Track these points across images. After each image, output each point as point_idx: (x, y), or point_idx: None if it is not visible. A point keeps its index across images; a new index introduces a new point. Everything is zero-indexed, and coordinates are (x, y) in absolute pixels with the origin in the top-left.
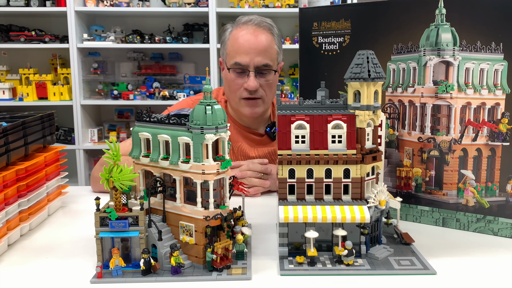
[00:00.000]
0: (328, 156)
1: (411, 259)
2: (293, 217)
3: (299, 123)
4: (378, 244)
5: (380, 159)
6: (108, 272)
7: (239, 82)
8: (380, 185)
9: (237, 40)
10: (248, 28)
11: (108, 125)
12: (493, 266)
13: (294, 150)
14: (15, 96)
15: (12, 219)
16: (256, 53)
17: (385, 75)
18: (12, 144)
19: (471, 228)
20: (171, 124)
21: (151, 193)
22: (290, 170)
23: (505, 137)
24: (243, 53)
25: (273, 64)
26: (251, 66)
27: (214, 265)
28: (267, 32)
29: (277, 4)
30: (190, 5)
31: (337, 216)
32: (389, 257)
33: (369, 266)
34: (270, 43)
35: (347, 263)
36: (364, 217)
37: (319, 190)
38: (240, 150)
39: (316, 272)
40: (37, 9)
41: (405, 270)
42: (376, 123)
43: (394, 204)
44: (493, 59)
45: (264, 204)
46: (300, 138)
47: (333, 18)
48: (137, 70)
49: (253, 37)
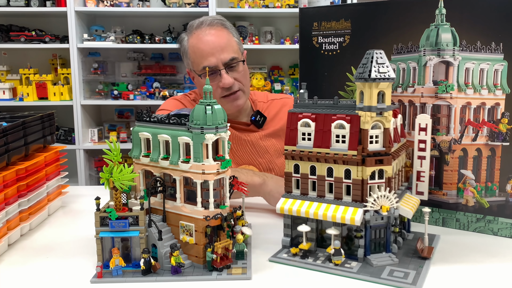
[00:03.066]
0: (329, 155)
1: (409, 272)
2: (288, 209)
3: (305, 120)
4: (385, 252)
5: (388, 163)
6: (108, 272)
7: (214, 84)
8: (385, 190)
9: (197, 45)
10: (202, 30)
11: (108, 125)
12: (493, 267)
13: (299, 147)
14: (15, 96)
15: (12, 219)
16: (220, 51)
17: (392, 76)
18: (12, 144)
19: (471, 228)
20: (171, 124)
21: (151, 193)
22: (295, 166)
23: (505, 137)
24: (207, 55)
25: (238, 55)
26: (220, 64)
27: (214, 265)
28: (221, 28)
29: (277, 4)
30: (190, 5)
31: (328, 214)
32: (389, 266)
33: (356, 269)
34: (228, 37)
35: (335, 263)
36: (353, 218)
37: (321, 188)
38: (233, 137)
39: (302, 265)
40: (37, 9)
41: (390, 281)
42: (386, 125)
43: (405, 213)
44: (493, 59)
45: (264, 204)
46: (306, 135)
47: (333, 18)
48: (137, 70)
49: (210, 37)
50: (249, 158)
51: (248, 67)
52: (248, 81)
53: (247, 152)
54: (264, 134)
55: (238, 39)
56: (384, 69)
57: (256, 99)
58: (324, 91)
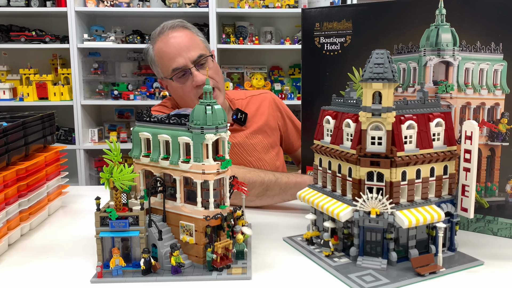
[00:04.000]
0: (337, 152)
1: (383, 280)
2: (303, 197)
3: (327, 117)
4: (381, 257)
5: (386, 166)
6: (108, 271)
7: (187, 85)
8: (377, 194)
9: (162, 50)
10: (165, 35)
11: (109, 125)
12: (493, 267)
13: (322, 142)
14: (15, 96)
15: (12, 219)
16: (186, 50)
17: (389, 77)
18: (12, 144)
19: (470, 228)
20: (171, 124)
21: (151, 193)
22: (320, 159)
23: (504, 137)
24: (174, 57)
25: (206, 52)
26: (189, 63)
27: (214, 265)
28: (183, 29)
29: (277, 4)
30: (190, 5)
31: (324, 207)
32: (372, 270)
33: (335, 264)
34: (192, 36)
35: (324, 254)
36: (339, 214)
37: (333, 183)
38: None
39: (302, 250)
40: (38, 9)
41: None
42: (386, 127)
43: (400, 221)
44: (493, 59)
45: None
46: (328, 131)
47: (334, 18)
48: (137, 70)
49: (174, 40)
50: (238, 159)
51: (248, 67)
52: (221, 78)
53: (236, 153)
54: (250, 132)
55: (203, 37)
56: (380, 69)
57: (234, 98)
58: (326, 91)
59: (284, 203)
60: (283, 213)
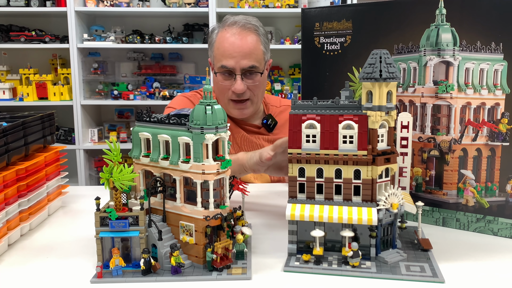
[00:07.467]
0: (338, 156)
1: (423, 265)
2: (299, 215)
3: (310, 122)
4: (391, 248)
5: (394, 161)
6: (108, 272)
7: (226, 84)
8: (393, 188)
9: (223, 43)
10: (233, 30)
11: (108, 125)
12: (493, 267)
13: (304, 149)
14: (15, 96)
15: (12, 219)
16: (242, 56)
17: (399, 75)
18: (12, 144)
19: (471, 228)
20: (171, 124)
21: (151, 193)
22: (300, 169)
23: (504, 137)
24: (228, 56)
25: (259, 65)
26: (237, 69)
27: (214, 265)
28: (253, 34)
29: (277, 4)
30: (190, 5)
31: (344, 217)
32: (401, 262)
33: (375, 269)
34: (256, 45)
35: (353, 265)
36: (371, 219)
37: (329, 190)
38: (244, 139)
39: (319, 271)
40: (37, 9)
41: (412, 276)
42: (391, 124)
43: (410, 209)
44: (493, 59)
45: (264, 204)
46: (311, 137)
47: (334, 18)
48: (137, 70)
49: (238, 40)
50: None
51: None
52: (261, 93)
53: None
54: (273, 140)
55: (266, 49)
56: (392, 69)
57: (269, 103)
58: (326, 91)
59: None
60: (283, 213)
